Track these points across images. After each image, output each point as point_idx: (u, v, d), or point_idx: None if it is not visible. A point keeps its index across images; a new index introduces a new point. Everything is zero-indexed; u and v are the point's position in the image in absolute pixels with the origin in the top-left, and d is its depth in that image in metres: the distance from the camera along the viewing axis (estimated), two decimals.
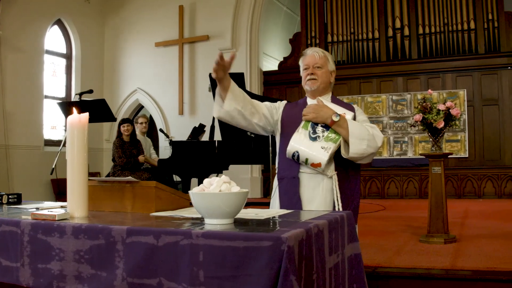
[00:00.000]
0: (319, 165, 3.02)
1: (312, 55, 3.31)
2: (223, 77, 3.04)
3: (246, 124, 3.25)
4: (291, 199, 3.14)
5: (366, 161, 3.14)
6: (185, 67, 13.65)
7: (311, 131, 3.09)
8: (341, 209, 3.07)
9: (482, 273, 4.15)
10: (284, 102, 3.47)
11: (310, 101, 3.34)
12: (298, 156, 3.07)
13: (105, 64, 14.59)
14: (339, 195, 3.09)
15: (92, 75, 13.98)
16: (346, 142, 3.03)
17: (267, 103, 3.41)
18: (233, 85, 3.13)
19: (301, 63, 3.38)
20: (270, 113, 3.33)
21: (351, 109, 3.29)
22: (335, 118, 3.04)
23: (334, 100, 3.36)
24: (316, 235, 1.95)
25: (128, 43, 14.42)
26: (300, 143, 3.07)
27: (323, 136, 3.06)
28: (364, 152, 3.02)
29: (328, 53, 3.40)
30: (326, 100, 3.29)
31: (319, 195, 3.14)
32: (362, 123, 3.16)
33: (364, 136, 3.01)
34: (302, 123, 3.15)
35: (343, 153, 3.04)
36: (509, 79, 12.10)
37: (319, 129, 3.09)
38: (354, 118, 3.20)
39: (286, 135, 3.20)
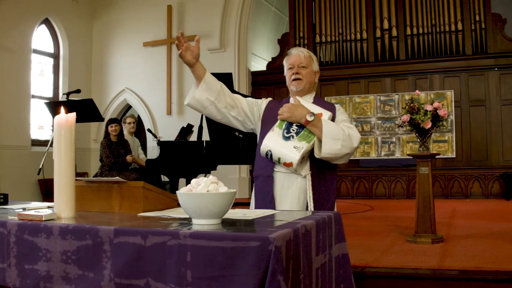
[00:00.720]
0: (290, 164, 3.00)
1: (297, 55, 3.30)
2: (194, 64, 3.14)
3: (220, 117, 3.26)
4: (265, 198, 3.14)
5: (342, 162, 3.11)
6: (173, 67, 13.63)
7: (285, 131, 3.07)
8: (313, 209, 3.07)
9: (469, 273, 4.17)
10: (268, 99, 3.45)
11: (293, 101, 3.31)
12: (271, 155, 3.06)
13: (93, 63, 14.53)
14: (311, 195, 3.08)
15: (80, 75, 13.92)
16: (320, 142, 3.01)
17: (249, 98, 3.41)
18: (207, 75, 3.20)
19: (286, 62, 3.38)
20: (250, 108, 3.33)
21: (332, 109, 3.26)
22: (309, 118, 3.02)
23: (317, 100, 3.34)
24: (303, 235, 1.95)
25: (116, 43, 14.37)
26: (273, 142, 3.06)
27: (296, 136, 3.04)
28: (338, 153, 2.99)
29: (312, 54, 3.38)
30: (309, 100, 3.28)
31: (292, 195, 3.13)
32: (339, 123, 3.14)
33: (338, 136, 2.98)
34: (278, 122, 3.14)
35: (316, 153, 3.02)
36: (495, 80, 12.18)
37: (294, 128, 3.07)
38: (333, 119, 3.19)
39: (264, 133, 3.19)
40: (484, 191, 11.86)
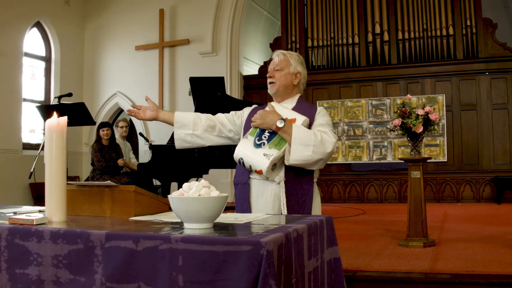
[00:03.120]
0: (261, 172, 2.97)
1: (273, 60, 3.27)
2: (157, 115, 3.25)
3: (206, 142, 3.31)
4: (243, 205, 3.13)
5: (317, 167, 3.04)
6: (166, 71, 13.61)
7: (257, 138, 3.04)
8: None
9: (461, 276, 4.19)
10: (253, 106, 3.42)
11: (274, 103, 3.26)
12: (243, 162, 3.04)
13: (85, 67, 14.49)
14: (285, 202, 3.02)
15: (72, 78, 13.88)
16: None
17: (231, 112, 3.39)
18: (176, 114, 3.26)
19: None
20: (231, 121, 3.33)
21: (312, 112, 3.19)
22: (280, 124, 2.97)
23: (300, 103, 3.28)
24: (295, 240, 1.95)
25: (108, 46, 14.34)
26: (245, 149, 3.03)
27: (268, 143, 3.00)
28: (308, 159, 2.92)
29: (293, 55, 3.31)
30: (290, 104, 3.25)
31: (266, 201, 3.09)
32: (315, 128, 3.07)
33: (309, 142, 2.91)
34: (251, 129, 3.11)
35: (286, 159, 2.97)
36: (486, 85, 12.24)
37: (265, 135, 3.03)
38: (310, 124, 3.11)
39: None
40: (476, 195, 11.91)
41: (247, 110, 3.37)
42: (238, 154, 3.06)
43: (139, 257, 1.83)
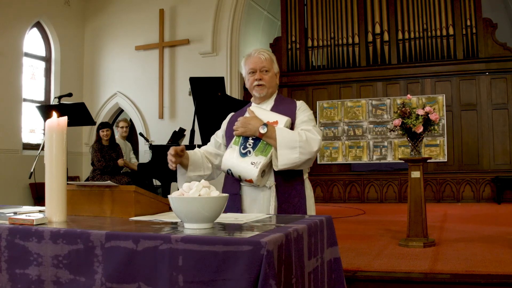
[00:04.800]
0: (251, 181, 2.91)
1: (258, 58, 3.15)
2: (182, 160, 3.10)
3: (210, 175, 3.27)
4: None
5: (305, 167, 3.00)
6: (166, 71, 13.60)
7: (242, 146, 2.97)
8: None
9: (461, 276, 4.19)
10: (231, 114, 3.35)
11: (254, 106, 3.21)
12: (232, 173, 3.00)
13: (85, 67, 14.48)
14: (273, 207, 2.96)
15: (72, 78, 13.87)
16: None
17: (212, 137, 3.38)
18: (191, 155, 3.18)
19: (245, 65, 3.22)
20: (217, 144, 3.32)
21: (292, 109, 3.14)
22: (262, 130, 2.92)
23: (278, 101, 3.22)
24: (295, 240, 1.95)
25: (108, 46, 14.33)
26: (232, 159, 2.98)
27: (253, 150, 2.94)
28: (296, 161, 2.87)
29: (271, 53, 3.23)
30: (268, 105, 3.19)
31: (259, 208, 3.02)
32: (298, 126, 3.02)
33: (295, 144, 2.86)
34: (234, 138, 3.05)
35: (274, 164, 2.92)
36: (486, 85, 12.25)
37: (250, 143, 2.97)
38: (293, 122, 3.06)
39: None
40: (476, 195, 11.91)
41: (226, 121, 3.33)
42: (226, 164, 3.01)
43: (139, 257, 1.83)
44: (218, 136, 3.33)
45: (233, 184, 3.11)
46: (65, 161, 2.34)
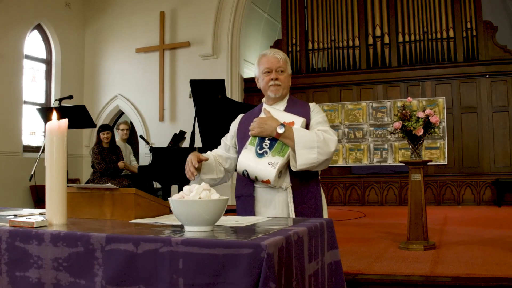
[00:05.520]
0: (268, 181, 2.87)
1: (274, 57, 3.13)
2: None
3: (222, 178, 3.23)
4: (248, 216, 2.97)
5: (322, 168, 2.96)
6: (166, 73, 13.62)
7: (258, 147, 2.94)
8: None
9: (461, 279, 4.19)
10: (240, 116, 3.32)
11: (269, 107, 3.16)
12: (248, 174, 2.95)
13: (85, 69, 14.50)
14: (292, 209, 2.94)
15: (72, 81, 13.89)
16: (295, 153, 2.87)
17: (222, 140, 3.32)
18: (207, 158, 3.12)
19: (260, 65, 3.20)
20: (226, 147, 3.28)
21: (306, 110, 3.12)
22: (280, 130, 2.88)
23: (290, 103, 3.18)
24: (295, 242, 1.95)
25: (108, 49, 14.36)
26: (248, 160, 2.93)
27: (270, 151, 2.90)
28: (314, 162, 2.83)
29: (286, 56, 3.22)
30: (281, 106, 3.15)
31: (274, 209, 2.98)
32: (314, 127, 3.00)
33: (313, 144, 2.83)
34: (250, 139, 3.01)
35: (292, 165, 2.88)
36: (487, 87, 12.25)
37: (266, 143, 2.93)
38: (308, 124, 3.05)
39: (240, 150, 3.09)
40: (476, 198, 11.90)
41: (236, 121, 3.30)
42: (241, 166, 2.97)
43: (139, 260, 1.83)
44: (227, 138, 3.29)
45: (246, 186, 3.07)
46: (65, 163, 2.34)
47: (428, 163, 6.18)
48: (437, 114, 8.41)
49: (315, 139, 2.85)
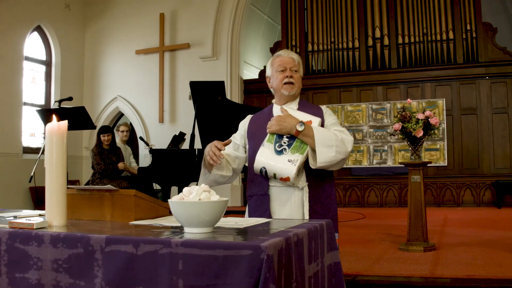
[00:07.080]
0: (287, 179, 2.85)
1: (289, 57, 3.15)
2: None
3: (230, 177, 3.23)
4: (262, 215, 2.97)
5: (337, 168, 2.96)
6: (166, 75, 13.62)
7: (277, 144, 2.92)
8: None
9: (461, 281, 4.18)
10: (249, 117, 3.31)
11: (276, 108, 3.19)
12: (266, 171, 2.91)
13: (85, 71, 14.51)
14: (307, 208, 2.94)
15: (72, 82, 13.90)
16: (314, 151, 2.86)
17: (231, 139, 3.26)
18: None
19: (274, 64, 3.20)
20: (240, 141, 3.25)
21: (319, 112, 3.14)
22: (300, 128, 2.87)
23: (302, 104, 3.20)
24: (295, 244, 1.95)
25: (108, 51, 14.36)
26: (266, 157, 2.90)
27: (289, 148, 2.89)
28: (333, 160, 2.84)
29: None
30: (293, 106, 3.16)
31: (290, 208, 2.98)
32: (330, 128, 3.02)
33: (331, 143, 2.85)
34: (267, 136, 2.98)
35: (311, 163, 2.88)
36: (487, 89, 12.25)
37: (285, 141, 2.92)
38: (322, 123, 3.06)
39: (252, 149, 3.08)
40: (476, 199, 11.90)
41: (246, 121, 3.29)
42: (259, 164, 2.94)
43: (139, 261, 1.83)
44: (236, 138, 3.28)
45: (259, 185, 3.06)
46: (65, 165, 2.34)
47: (428, 165, 6.18)
48: (436, 115, 8.41)
49: (333, 138, 2.87)
